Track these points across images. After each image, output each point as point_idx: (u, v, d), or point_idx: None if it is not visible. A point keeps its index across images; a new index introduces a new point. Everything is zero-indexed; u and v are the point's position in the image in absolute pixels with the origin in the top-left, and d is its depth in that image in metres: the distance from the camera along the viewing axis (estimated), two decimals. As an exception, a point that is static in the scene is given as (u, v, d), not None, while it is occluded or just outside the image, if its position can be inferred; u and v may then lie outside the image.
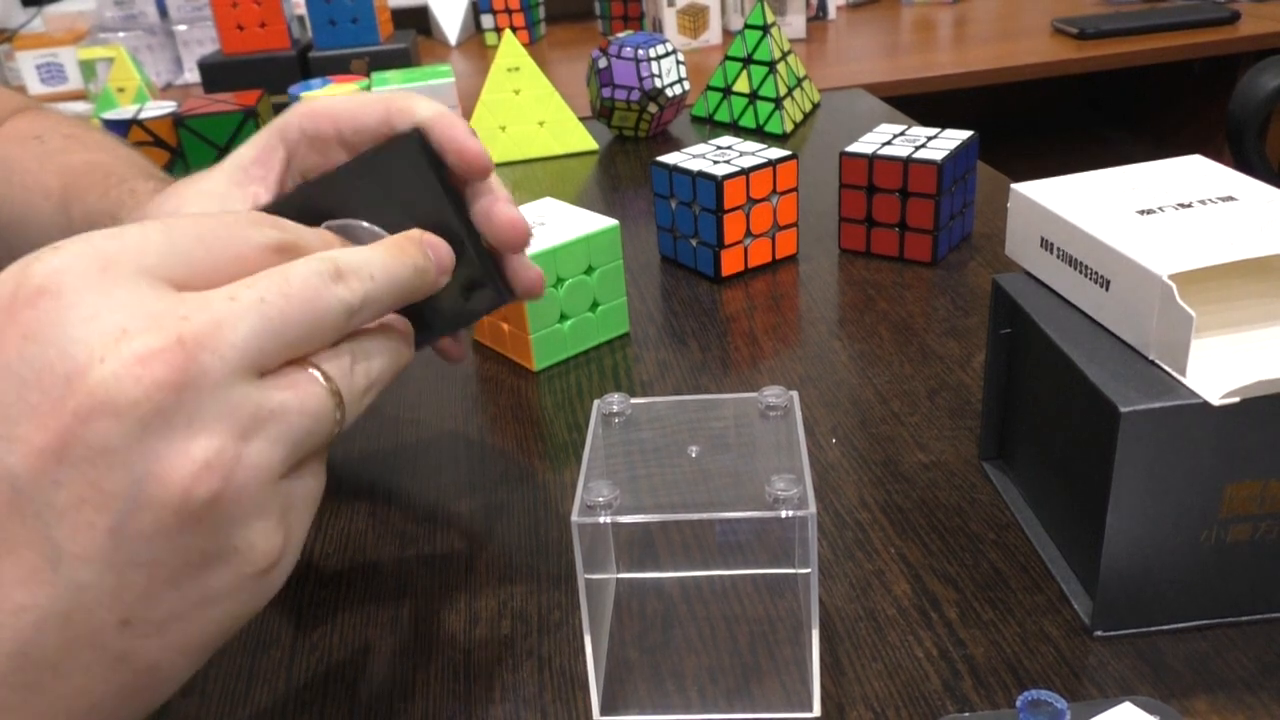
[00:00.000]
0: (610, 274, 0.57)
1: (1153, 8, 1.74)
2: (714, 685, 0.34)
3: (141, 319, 0.24)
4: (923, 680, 0.34)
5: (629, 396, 0.37)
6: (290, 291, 0.27)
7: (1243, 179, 0.39)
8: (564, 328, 0.56)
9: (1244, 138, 1.35)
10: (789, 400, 0.36)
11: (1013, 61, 1.55)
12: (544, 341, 0.55)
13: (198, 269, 0.26)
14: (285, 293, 0.26)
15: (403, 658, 0.37)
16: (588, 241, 0.55)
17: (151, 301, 0.24)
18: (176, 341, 0.24)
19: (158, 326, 0.24)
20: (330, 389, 0.28)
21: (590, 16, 1.85)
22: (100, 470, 0.23)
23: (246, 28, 1.44)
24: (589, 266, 0.56)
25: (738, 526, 0.39)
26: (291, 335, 0.27)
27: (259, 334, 0.25)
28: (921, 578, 0.39)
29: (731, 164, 0.62)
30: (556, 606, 0.39)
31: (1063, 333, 0.36)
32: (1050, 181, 0.41)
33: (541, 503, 0.45)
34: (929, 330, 0.57)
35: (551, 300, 0.55)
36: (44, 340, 0.23)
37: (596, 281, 0.56)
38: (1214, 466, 0.33)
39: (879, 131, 0.68)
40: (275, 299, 0.26)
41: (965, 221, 0.67)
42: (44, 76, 1.62)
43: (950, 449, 0.46)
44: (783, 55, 0.96)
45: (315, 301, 0.27)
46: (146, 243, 0.26)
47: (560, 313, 0.56)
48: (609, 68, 0.91)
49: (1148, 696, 0.31)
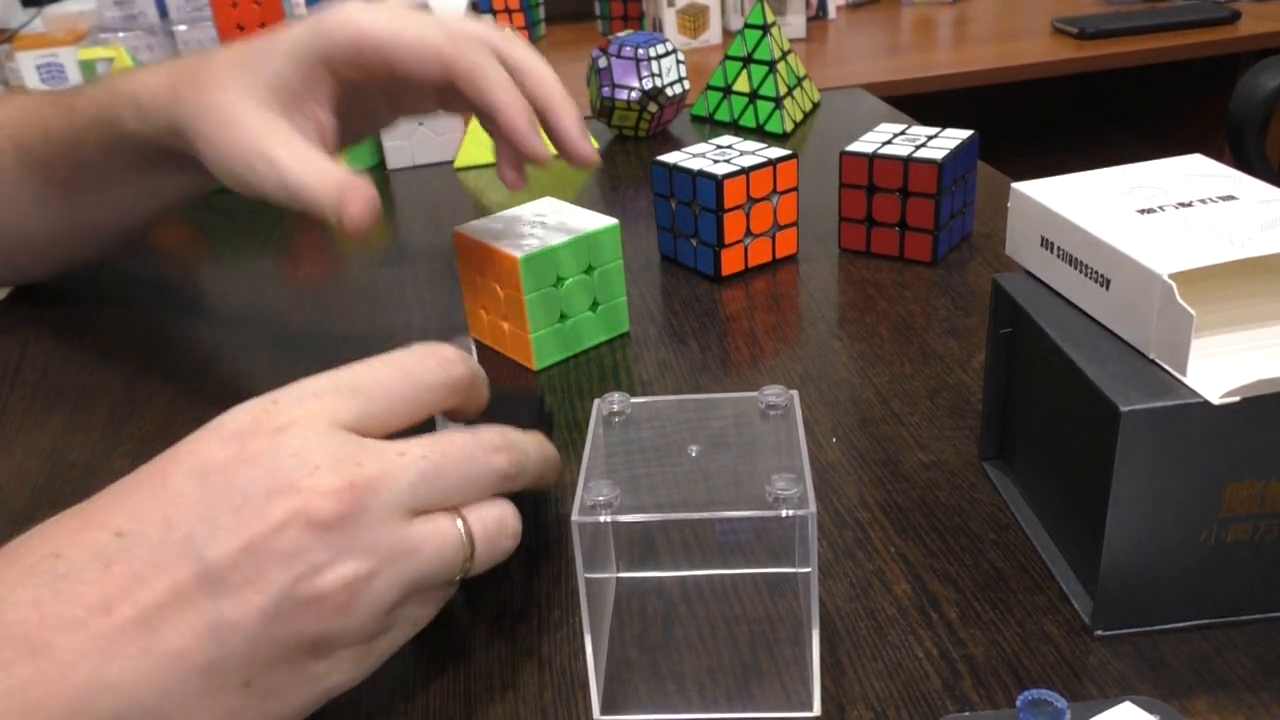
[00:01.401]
0: (610, 273, 0.57)
1: (1153, 8, 1.74)
2: (714, 685, 0.34)
3: (330, 460, 0.31)
4: (923, 680, 0.34)
5: (629, 396, 0.37)
6: (450, 453, 0.33)
7: (1243, 178, 0.39)
8: (564, 327, 0.56)
9: (1244, 137, 1.35)
10: (789, 400, 0.36)
11: (1013, 61, 1.55)
12: (544, 341, 0.55)
13: (382, 419, 0.33)
14: (445, 453, 0.33)
15: (403, 658, 0.37)
16: (588, 240, 0.55)
17: (340, 447, 0.31)
18: (350, 485, 0.31)
19: (339, 469, 0.31)
20: (465, 534, 0.33)
21: (590, 16, 1.85)
22: (272, 565, 0.29)
23: (247, 28, 1.44)
24: (589, 266, 0.56)
25: (738, 526, 0.39)
26: (445, 485, 0.33)
27: (415, 484, 0.32)
28: (921, 577, 0.39)
29: (731, 163, 0.62)
30: (556, 606, 0.39)
31: (1063, 332, 0.36)
32: (1050, 181, 0.41)
33: (542, 501, 0.45)
34: (929, 330, 0.57)
35: (552, 300, 0.55)
36: (259, 465, 0.30)
37: (597, 281, 0.56)
38: (1214, 466, 0.33)
39: (879, 131, 0.68)
40: (435, 456, 0.33)
41: (965, 221, 0.67)
42: (44, 76, 1.62)
43: (950, 449, 0.46)
44: (783, 55, 0.96)
45: (470, 463, 0.34)
46: (342, 409, 0.33)
47: (560, 312, 0.55)
48: (609, 67, 0.91)
49: (1148, 696, 0.31)
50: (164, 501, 0.30)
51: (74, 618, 0.28)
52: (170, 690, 0.28)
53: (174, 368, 0.59)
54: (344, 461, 0.31)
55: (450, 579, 0.34)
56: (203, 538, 0.29)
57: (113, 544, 0.29)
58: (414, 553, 0.32)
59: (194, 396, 0.56)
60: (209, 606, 0.29)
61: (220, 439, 0.31)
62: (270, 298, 0.69)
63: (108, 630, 0.28)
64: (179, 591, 0.29)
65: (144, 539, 0.29)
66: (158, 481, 0.31)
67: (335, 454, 0.31)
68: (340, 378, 0.34)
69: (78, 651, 0.28)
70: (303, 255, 0.76)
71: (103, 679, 0.28)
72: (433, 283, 0.68)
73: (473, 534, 0.34)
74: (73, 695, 0.27)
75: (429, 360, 0.35)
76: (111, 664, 0.28)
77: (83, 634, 0.28)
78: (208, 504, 0.30)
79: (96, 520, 0.30)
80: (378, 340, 0.61)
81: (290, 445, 0.31)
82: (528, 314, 0.54)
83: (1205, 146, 1.56)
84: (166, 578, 0.29)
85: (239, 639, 0.29)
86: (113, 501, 0.31)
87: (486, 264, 0.55)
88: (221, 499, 0.30)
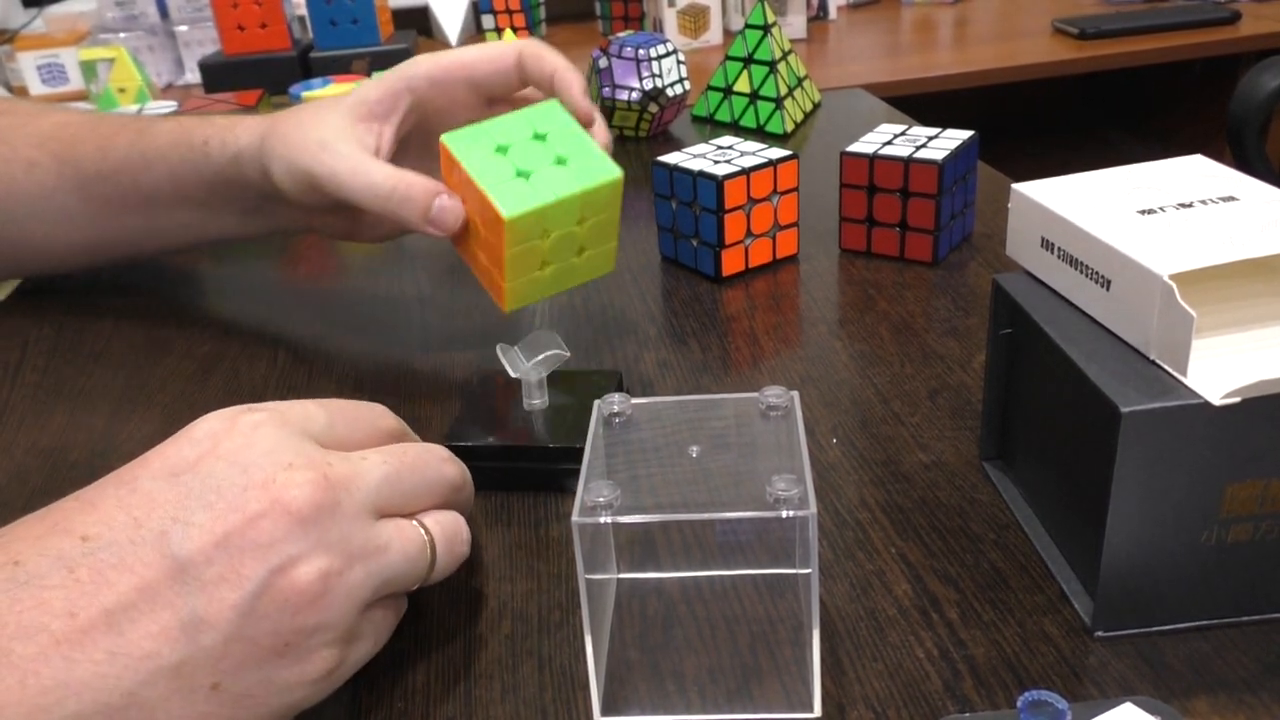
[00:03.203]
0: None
1: (1153, 8, 1.74)
2: (714, 685, 0.34)
3: (302, 459, 0.32)
4: (923, 680, 0.34)
5: (629, 397, 0.37)
6: (406, 460, 0.35)
7: (1243, 179, 0.39)
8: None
9: (1244, 138, 1.35)
10: (789, 400, 0.36)
11: (1013, 61, 1.55)
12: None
13: (341, 438, 0.35)
14: (402, 460, 0.35)
15: (403, 658, 0.37)
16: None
17: (309, 450, 0.33)
18: (324, 477, 0.31)
19: (312, 465, 0.32)
20: (427, 539, 0.35)
21: (591, 17, 1.84)
22: (248, 558, 0.29)
23: (247, 28, 1.44)
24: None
25: (738, 526, 0.39)
26: (404, 489, 0.35)
27: (380, 486, 0.33)
28: (922, 578, 0.39)
29: (732, 164, 0.62)
30: (556, 606, 0.39)
31: (1063, 333, 0.36)
32: (1051, 181, 0.41)
33: (541, 503, 0.45)
34: (929, 330, 0.57)
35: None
36: (233, 462, 0.31)
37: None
38: (1214, 466, 0.33)
39: (879, 131, 0.68)
40: (394, 462, 0.35)
41: (966, 221, 0.67)
42: (45, 77, 1.62)
43: (951, 449, 0.46)
44: (783, 55, 0.96)
45: (425, 469, 0.36)
46: (312, 418, 0.34)
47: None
48: (609, 68, 0.91)
49: (1148, 697, 0.31)
50: (133, 504, 0.30)
51: (35, 624, 0.28)
52: (136, 692, 0.28)
53: (174, 368, 0.59)
54: (315, 461, 0.32)
55: (415, 582, 0.35)
56: (176, 536, 0.29)
57: (77, 549, 0.29)
58: (383, 551, 0.33)
59: (194, 397, 0.56)
60: (181, 604, 0.29)
61: (191, 442, 0.32)
62: (271, 298, 0.69)
63: (71, 634, 0.28)
64: (148, 591, 0.29)
65: (111, 542, 0.29)
66: (126, 486, 0.31)
67: (307, 454, 0.32)
68: (308, 401, 0.36)
69: (38, 657, 0.27)
70: (303, 255, 0.76)
71: (65, 683, 0.27)
72: (434, 283, 0.68)
73: (433, 537, 0.35)
74: (32, 703, 0.27)
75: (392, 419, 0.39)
76: (75, 668, 0.28)
77: (44, 639, 0.28)
78: (179, 503, 0.30)
79: (60, 527, 0.30)
80: (378, 340, 0.61)
81: (263, 444, 0.32)
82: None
83: (1205, 147, 1.56)
84: (134, 578, 0.29)
85: (212, 637, 0.29)
86: (78, 508, 0.31)
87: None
88: (194, 497, 0.30)
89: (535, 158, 0.48)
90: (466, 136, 0.49)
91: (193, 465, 0.31)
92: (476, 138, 0.49)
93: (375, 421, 0.38)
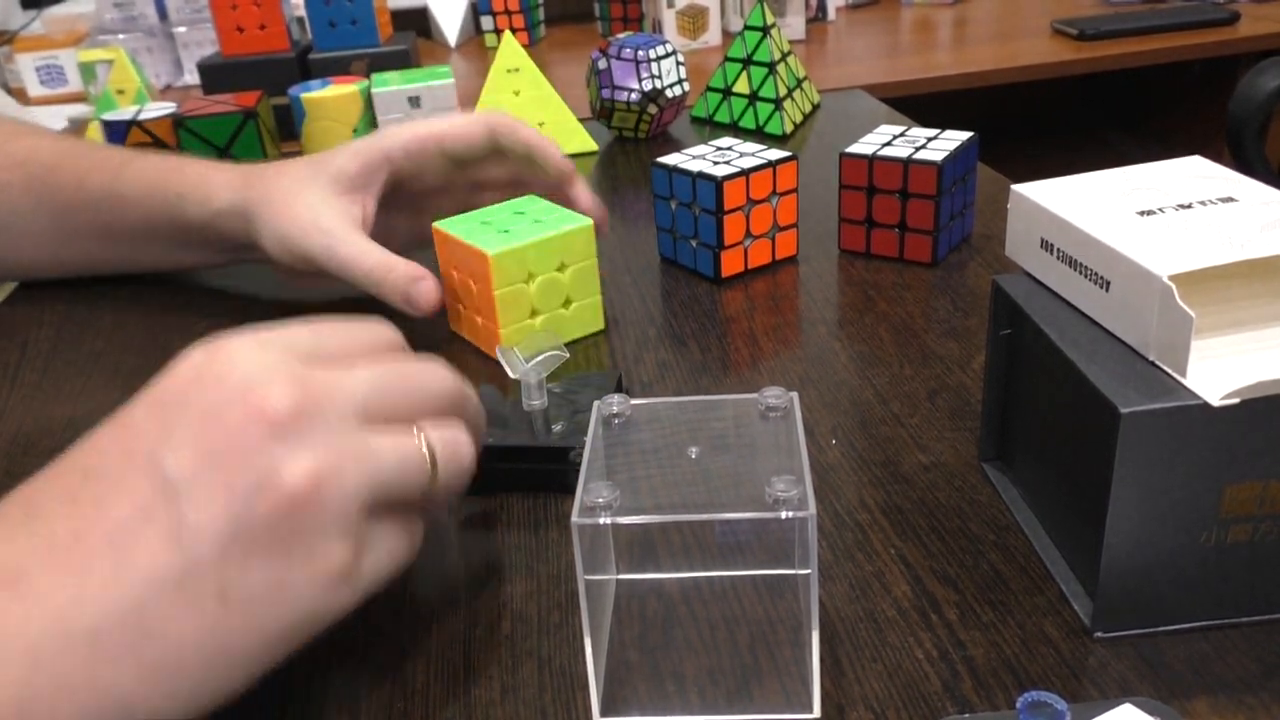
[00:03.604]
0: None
1: (1153, 8, 1.74)
2: (714, 686, 0.34)
3: (283, 371, 0.32)
4: (923, 681, 0.34)
5: (629, 397, 0.37)
6: (397, 369, 0.35)
7: (1243, 179, 0.39)
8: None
9: (1244, 138, 1.35)
10: (789, 401, 0.36)
11: (1013, 62, 1.55)
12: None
13: (333, 355, 0.34)
14: (392, 369, 0.35)
15: (402, 658, 0.37)
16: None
17: (291, 365, 0.32)
18: (303, 385, 0.32)
19: (293, 377, 0.32)
20: (425, 447, 0.34)
21: (590, 18, 1.85)
22: (235, 466, 0.30)
23: (246, 30, 1.44)
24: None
25: (738, 527, 0.39)
26: (395, 396, 0.34)
27: (368, 395, 0.33)
28: (921, 579, 0.39)
29: (731, 165, 0.62)
30: (556, 607, 0.39)
31: (1063, 333, 0.36)
32: (1050, 182, 0.41)
33: (541, 503, 0.45)
34: (929, 331, 0.57)
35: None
36: (215, 386, 0.31)
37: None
38: (1214, 467, 0.33)
39: (879, 132, 0.68)
40: (382, 371, 0.34)
41: (965, 222, 0.67)
42: (44, 78, 1.62)
43: (950, 450, 0.46)
44: (782, 56, 0.96)
45: (418, 377, 0.35)
46: (297, 338, 0.34)
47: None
48: (609, 69, 0.91)
49: (1148, 698, 0.31)
50: (124, 437, 0.32)
51: (46, 548, 0.29)
52: (145, 606, 0.29)
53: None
54: (296, 373, 0.32)
55: (416, 490, 0.34)
56: (163, 457, 0.30)
57: (78, 483, 0.31)
58: (375, 454, 0.32)
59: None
60: (171, 517, 0.29)
61: (176, 374, 0.33)
62: (271, 298, 0.69)
63: (79, 556, 0.29)
64: (141, 508, 0.30)
65: (106, 472, 0.31)
66: (119, 423, 0.32)
67: (289, 371, 0.32)
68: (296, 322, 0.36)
69: (53, 581, 0.29)
70: (302, 256, 0.76)
71: (79, 600, 0.29)
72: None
73: (433, 447, 0.34)
74: (51, 617, 0.28)
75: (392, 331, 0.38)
76: (86, 587, 0.29)
77: (55, 561, 0.29)
78: (165, 427, 0.31)
79: (64, 467, 0.32)
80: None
81: (244, 366, 0.32)
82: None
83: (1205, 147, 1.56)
84: (128, 499, 0.30)
85: (206, 546, 0.29)
86: (78, 450, 0.32)
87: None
88: (179, 420, 0.31)
89: (515, 222, 0.57)
90: (455, 220, 0.58)
91: (177, 394, 0.32)
92: (465, 219, 0.58)
93: (372, 337, 0.37)
